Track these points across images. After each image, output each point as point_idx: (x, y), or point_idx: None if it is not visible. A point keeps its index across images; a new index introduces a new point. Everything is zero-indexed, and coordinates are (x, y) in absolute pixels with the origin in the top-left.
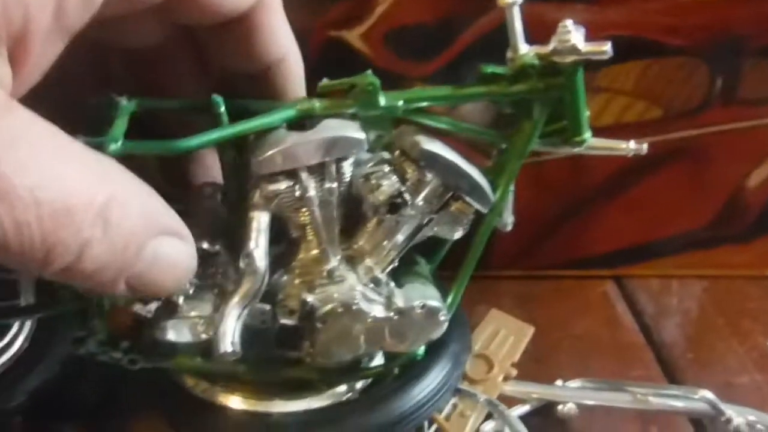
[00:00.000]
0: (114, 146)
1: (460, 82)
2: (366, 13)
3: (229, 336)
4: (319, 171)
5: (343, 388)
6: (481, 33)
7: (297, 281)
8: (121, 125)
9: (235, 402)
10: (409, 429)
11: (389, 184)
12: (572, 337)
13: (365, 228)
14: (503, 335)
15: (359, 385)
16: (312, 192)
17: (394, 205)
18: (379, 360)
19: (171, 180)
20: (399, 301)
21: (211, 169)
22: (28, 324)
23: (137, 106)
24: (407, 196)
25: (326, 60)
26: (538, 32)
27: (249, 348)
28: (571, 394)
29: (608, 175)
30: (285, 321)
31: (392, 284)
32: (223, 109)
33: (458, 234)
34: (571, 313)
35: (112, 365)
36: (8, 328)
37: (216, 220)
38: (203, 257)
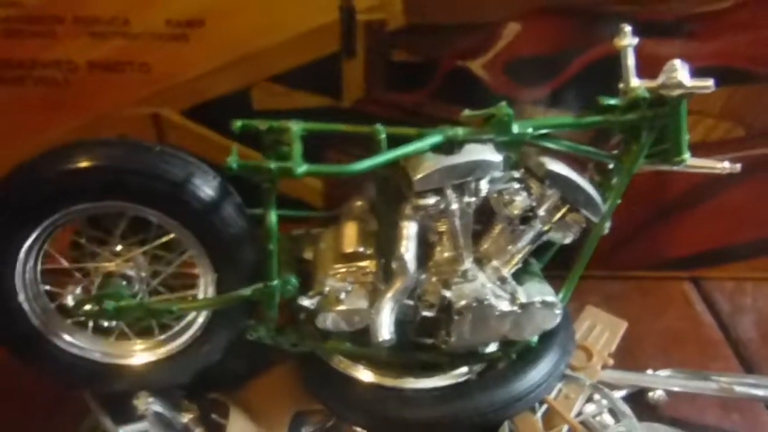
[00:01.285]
0: (301, 170)
1: (567, 105)
2: (489, 46)
3: (386, 327)
4: (460, 188)
5: (464, 369)
6: (587, 63)
7: (434, 279)
8: (299, 149)
9: (373, 378)
10: (525, 407)
11: (522, 199)
12: (656, 333)
13: (491, 234)
14: (599, 329)
15: (477, 367)
16: (454, 206)
17: (526, 217)
18: (494, 347)
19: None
20: (522, 297)
21: None
22: (204, 314)
23: (303, 131)
24: (537, 211)
25: (452, 85)
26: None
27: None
28: (663, 382)
29: (690, 186)
30: (425, 313)
31: (514, 282)
32: (384, 135)
33: (569, 239)
34: (654, 311)
35: (274, 347)
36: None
37: (366, 229)
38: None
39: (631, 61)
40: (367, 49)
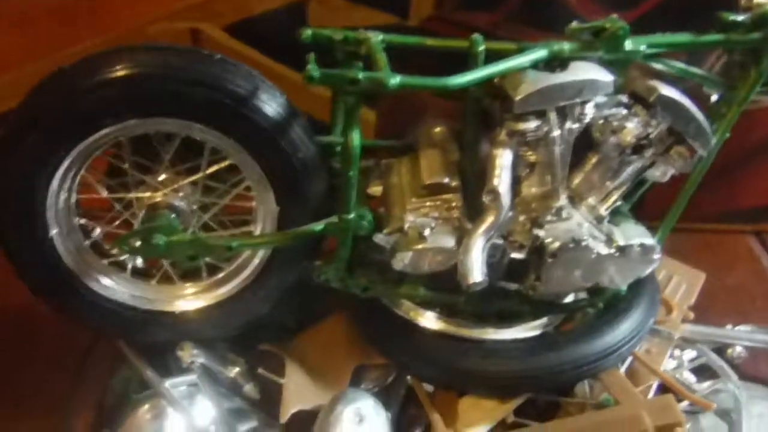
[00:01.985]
0: (393, 81)
1: (657, 31)
2: None
3: (477, 267)
4: (563, 111)
5: (545, 319)
6: None
7: (522, 217)
8: (384, 59)
9: (448, 328)
10: (618, 361)
11: (634, 126)
12: (726, 289)
13: (583, 168)
14: (676, 281)
15: (558, 318)
16: (556, 132)
17: (639, 146)
18: (581, 295)
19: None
20: (619, 239)
21: None
22: (260, 253)
23: (384, 43)
24: (652, 138)
25: (531, 6)
26: None
27: None
28: (747, 337)
29: (761, 136)
30: (515, 255)
31: (609, 223)
32: (482, 47)
33: (668, 176)
34: (720, 266)
35: (338, 291)
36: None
37: (448, 159)
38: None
39: None
40: None
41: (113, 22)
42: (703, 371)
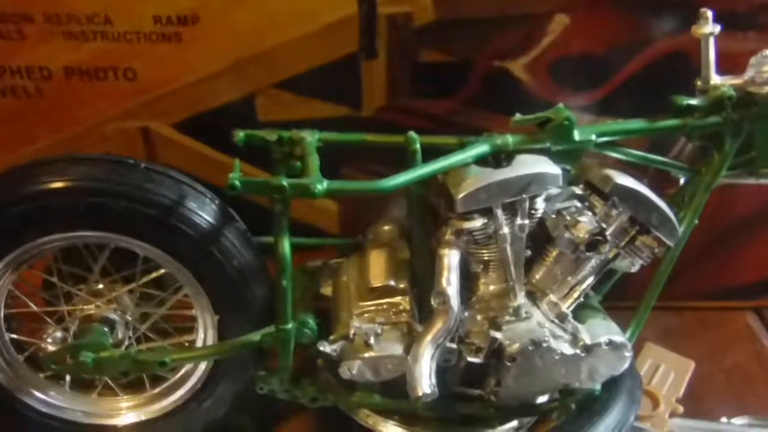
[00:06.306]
0: (320, 187)
1: (621, 112)
2: (532, 44)
3: (426, 378)
4: (511, 207)
5: (514, 424)
6: (647, 62)
7: (479, 317)
8: (315, 162)
9: None
10: None
11: (588, 221)
12: (723, 372)
13: (544, 262)
14: (663, 370)
15: (527, 421)
16: (505, 229)
17: (593, 242)
18: (551, 397)
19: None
20: (585, 338)
21: None
22: (204, 363)
23: (320, 142)
24: (608, 234)
25: (488, 90)
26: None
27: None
28: None
29: (755, 207)
30: (471, 359)
31: (574, 320)
32: (419, 145)
33: (636, 267)
34: (716, 347)
35: (290, 402)
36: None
37: (396, 258)
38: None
39: (711, 53)
40: (390, 49)
41: (66, 123)
42: None
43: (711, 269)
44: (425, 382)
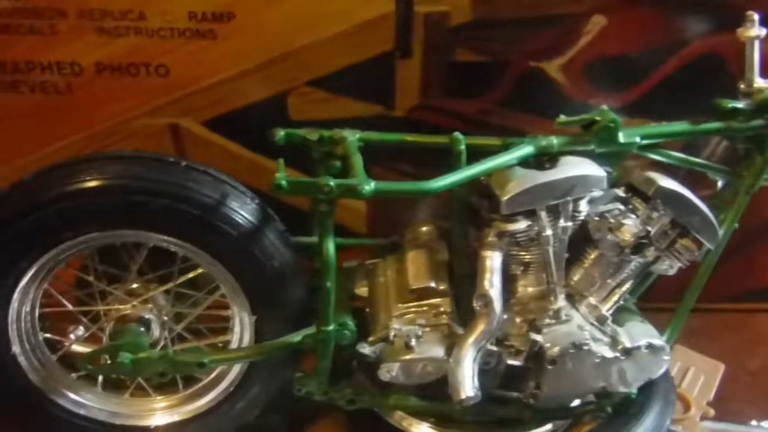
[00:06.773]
0: (368, 188)
1: (656, 113)
2: (568, 44)
3: (469, 381)
4: (555, 209)
5: (549, 426)
6: (683, 63)
7: (518, 320)
8: (359, 162)
9: None
10: None
11: (633, 223)
12: (749, 374)
13: (582, 264)
14: (693, 373)
15: (561, 424)
16: (549, 231)
17: (638, 245)
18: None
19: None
20: (625, 341)
21: None
22: (238, 365)
23: (361, 141)
24: (652, 237)
25: (523, 91)
26: None
27: None
28: None
29: None
30: (511, 362)
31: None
32: (463, 146)
33: (674, 270)
34: (742, 349)
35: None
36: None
37: (436, 260)
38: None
39: (756, 56)
40: (425, 48)
41: (95, 119)
42: None
43: (735, 272)
44: (468, 384)
